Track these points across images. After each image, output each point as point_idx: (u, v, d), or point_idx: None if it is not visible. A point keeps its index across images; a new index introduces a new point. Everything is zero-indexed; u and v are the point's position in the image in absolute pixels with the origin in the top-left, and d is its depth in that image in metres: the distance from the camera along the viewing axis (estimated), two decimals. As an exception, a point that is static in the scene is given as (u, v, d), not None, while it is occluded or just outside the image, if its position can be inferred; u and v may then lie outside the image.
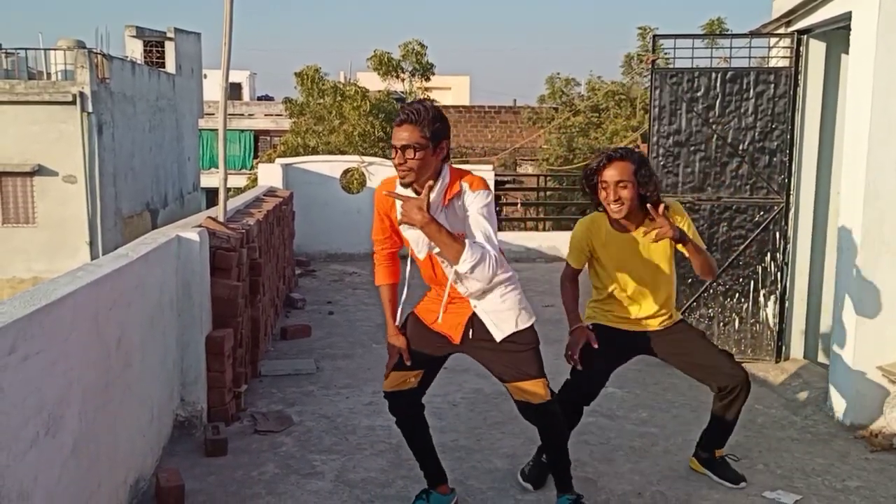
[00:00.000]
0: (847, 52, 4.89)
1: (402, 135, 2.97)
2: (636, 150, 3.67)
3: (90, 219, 17.03)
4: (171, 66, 21.67)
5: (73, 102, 16.78)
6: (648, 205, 3.41)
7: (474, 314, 3.25)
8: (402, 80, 18.70)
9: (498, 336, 3.23)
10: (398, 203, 2.97)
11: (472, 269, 2.88)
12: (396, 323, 3.39)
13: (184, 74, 22.41)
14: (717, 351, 3.76)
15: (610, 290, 3.71)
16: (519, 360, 3.26)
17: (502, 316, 3.23)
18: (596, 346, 3.64)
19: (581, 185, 3.69)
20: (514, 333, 3.23)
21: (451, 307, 3.27)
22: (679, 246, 3.50)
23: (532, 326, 3.28)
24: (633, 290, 3.68)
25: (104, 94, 17.56)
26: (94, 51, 17.77)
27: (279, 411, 4.84)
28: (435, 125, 2.99)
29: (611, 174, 3.45)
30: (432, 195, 2.95)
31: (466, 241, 2.90)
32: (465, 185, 3.06)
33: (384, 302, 3.41)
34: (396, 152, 3.00)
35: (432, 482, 3.53)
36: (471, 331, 3.26)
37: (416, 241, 3.14)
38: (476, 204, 3.01)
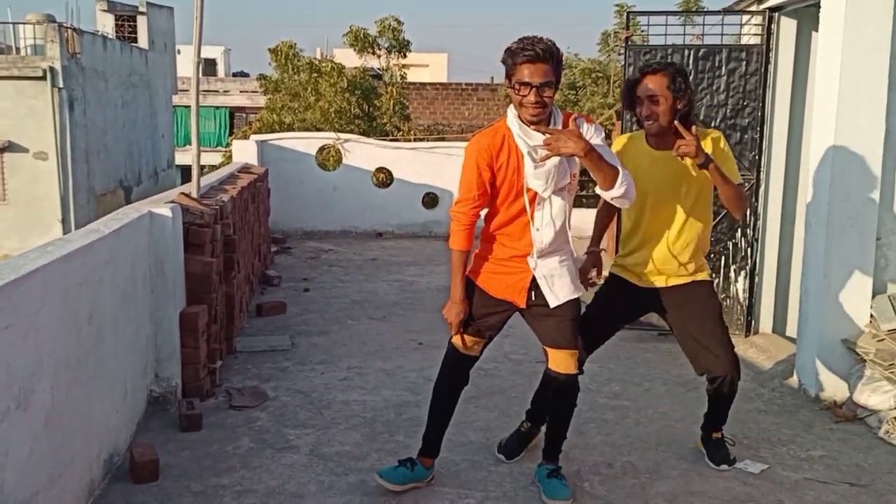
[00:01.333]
0: (817, 30, 4.94)
1: (540, 72, 3.01)
2: (673, 62, 3.58)
3: (62, 196, 16.82)
4: (143, 41, 21.35)
5: (44, 78, 16.51)
6: (676, 122, 3.31)
7: (534, 278, 3.31)
8: (379, 56, 18.56)
9: (553, 302, 3.31)
10: (537, 140, 3.06)
11: (626, 191, 3.07)
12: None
13: (157, 50, 22.09)
14: (720, 333, 3.62)
15: (635, 220, 3.59)
16: (562, 329, 3.36)
17: (559, 282, 3.31)
18: (598, 279, 3.65)
19: (622, 101, 3.60)
20: (565, 302, 3.31)
21: (515, 268, 3.32)
22: (705, 171, 3.35)
23: (578, 298, 3.36)
24: (660, 221, 3.53)
25: (75, 69, 17.27)
26: (65, 25, 17.47)
27: (254, 387, 4.86)
28: (561, 64, 3.10)
29: (643, 88, 3.38)
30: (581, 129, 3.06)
31: (618, 165, 3.07)
32: (581, 121, 3.16)
33: (456, 267, 3.36)
34: (531, 89, 3.02)
35: (426, 451, 3.58)
36: (533, 294, 3.33)
37: (546, 177, 3.15)
38: (598, 136, 3.13)
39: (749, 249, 5.89)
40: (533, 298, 3.35)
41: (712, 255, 5.92)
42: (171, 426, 4.16)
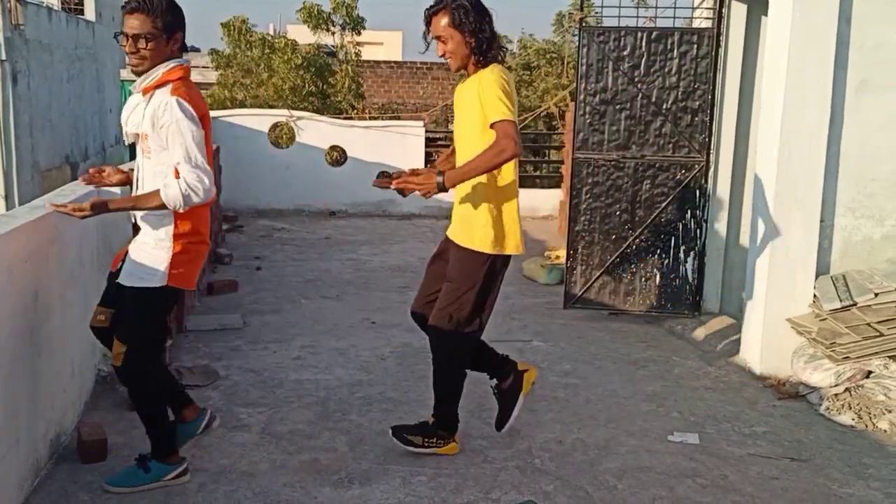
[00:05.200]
0: (767, 14, 5.02)
1: (136, 22, 2.99)
2: None
3: (5, 171, 16.35)
4: (90, 13, 20.78)
5: (-15, 49, 15.99)
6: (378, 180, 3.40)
7: None
8: (333, 33, 18.34)
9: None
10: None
11: (178, 202, 3.01)
12: None
13: (104, 22, 21.53)
14: (446, 301, 3.49)
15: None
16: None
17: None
18: (380, 183, 3.53)
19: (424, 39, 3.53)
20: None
21: None
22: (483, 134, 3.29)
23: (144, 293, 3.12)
24: (458, 154, 3.52)
25: (18, 41, 16.76)
26: (7, -5, 16.90)
27: (205, 366, 4.81)
28: (165, 15, 3.02)
29: (431, 30, 3.37)
30: None
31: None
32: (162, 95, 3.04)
33: None
34: (127, 40, 3.01)
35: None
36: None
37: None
38: (168, 113, 3.02)
39: (698, 230, 6.00)
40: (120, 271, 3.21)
41: (662, 236, 6.01)
42: (120, 405, 4.10)
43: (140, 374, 3.20)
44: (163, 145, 3.02)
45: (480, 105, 3.31)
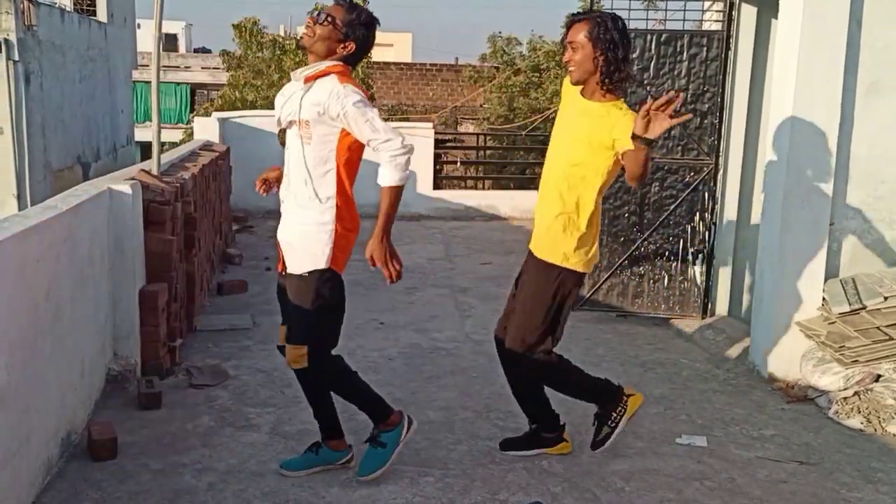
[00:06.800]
0: (777, 17, 5.02)
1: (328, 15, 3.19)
2: (607, 13, 3.44)
3: (18, 171, 16.43)
4: (102, 14, 20.89)
5: (-2, 50, 16.09)
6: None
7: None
8: (343, 34, 18.40)
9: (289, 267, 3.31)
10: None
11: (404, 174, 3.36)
12: None
13: (116, 23, 21.64)
14: (529, 311, 3.49)
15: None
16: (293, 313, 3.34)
17: (290, 251, 3.34)
18: None
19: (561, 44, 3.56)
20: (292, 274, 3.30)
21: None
22: (607, 152, 3.29)
23: (311, 277, 3.24)
24: (548, 174, 3.48)
25: (31, 42, 16.86)
26: (20, -4, 17.01)
27: (215, 365, 4.84)
28: (356, 28, 3.17)
29: (568, 34, 3.36)
30: None
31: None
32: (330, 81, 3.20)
33: None
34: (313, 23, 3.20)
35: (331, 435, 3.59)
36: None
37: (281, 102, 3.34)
38: (347, 99, 3.17)
39: (707, 233, 5.99)
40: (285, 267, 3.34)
41: (671, 238, 6.01)
42: (130, 405, 4.14)
43: (324, 367, 3.33)
44: (330, 131, 3.16)
45: (605, 131, 3.27)
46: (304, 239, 3.24)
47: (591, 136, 3.32)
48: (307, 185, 3.21)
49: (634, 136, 3.07)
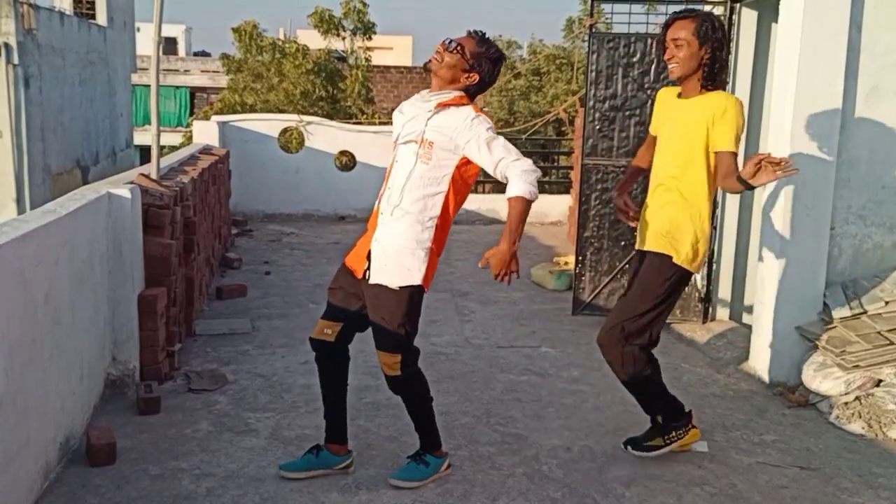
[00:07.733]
0: (777, 22, 5.01)
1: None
2: (706, 12, 3.52)
3: (17, 175, 16.42)
4: (101, 17, 20.90)
5: (-2, 53, 16.09)
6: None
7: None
8: (343, 38, 18.41)
9: (372, 277, 3.35)
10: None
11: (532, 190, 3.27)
12: None
13: (115, 27, 21.66)
14: (636, 301, 3.58)
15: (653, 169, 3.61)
16: (373, 323, 3.43)
17: (383, 259, 3.34)
18: (630, 223, 3.71)
19: (658, 46, 3.64)
20: (377, 285, 3.34)
21: (370, 231, 3.45)
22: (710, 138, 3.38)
23: (402, 293, 3.31)
24: (659, 164, 3.56)
25: (31, 45, 16.87)
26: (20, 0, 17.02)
27: (214, 370, 4.82)
28: (482, 61, 3.29)
29: (670, 32, 3.41)
30: None
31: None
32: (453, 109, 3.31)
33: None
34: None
35: (330, 437, 3.61)
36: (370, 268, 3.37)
37: (402, 122, 3.39)
38: (480, 126, 3.28)
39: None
40: (368, 273, 3.36)
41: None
42: (129, 409, 4.12)
43: (416, 375, 3.43)
44: (450, 156, 3.25)
45: (706, 126, 3.38)
46: (402, 255, 3.31)
47: (700, 136, 3.41)
48: (415, 203, 3.28)
49: (739, 179, 3.29)
